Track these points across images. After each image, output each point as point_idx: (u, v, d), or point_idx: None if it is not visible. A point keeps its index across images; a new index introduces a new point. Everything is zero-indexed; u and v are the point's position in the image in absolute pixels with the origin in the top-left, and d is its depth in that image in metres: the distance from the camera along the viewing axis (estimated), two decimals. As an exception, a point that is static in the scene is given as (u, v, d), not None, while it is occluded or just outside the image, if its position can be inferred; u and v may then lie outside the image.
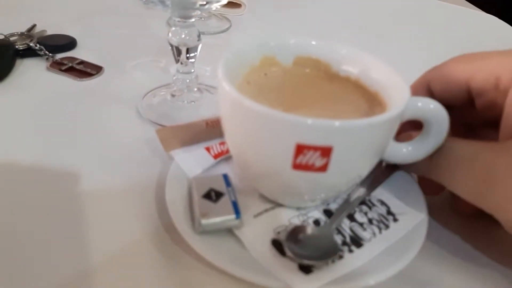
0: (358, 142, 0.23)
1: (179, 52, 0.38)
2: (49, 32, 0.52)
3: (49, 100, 0.40)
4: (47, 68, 0.45)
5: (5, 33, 0.48)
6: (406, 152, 0.27)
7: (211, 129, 0.33)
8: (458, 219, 0.30)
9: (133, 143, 0.35)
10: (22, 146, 0.34)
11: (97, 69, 0.45)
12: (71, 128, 0.37)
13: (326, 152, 0.22)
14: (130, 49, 0.51)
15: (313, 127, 0.22)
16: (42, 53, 0.46)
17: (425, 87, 0.27)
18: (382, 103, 0.27)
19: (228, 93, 0.24)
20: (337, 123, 0.22)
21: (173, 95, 0.41)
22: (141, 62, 0.48)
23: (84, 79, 0.44)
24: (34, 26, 0.52)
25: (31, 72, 0.44)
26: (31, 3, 0.60)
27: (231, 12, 0.63)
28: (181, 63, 0.39)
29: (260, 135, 0.24)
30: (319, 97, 0.28)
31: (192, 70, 0.40)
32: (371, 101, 0.27)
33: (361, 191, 0.29)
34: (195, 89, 0.41)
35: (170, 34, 0.37)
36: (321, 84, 0.29)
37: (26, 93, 0.41)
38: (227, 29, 0.60)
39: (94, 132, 0.36)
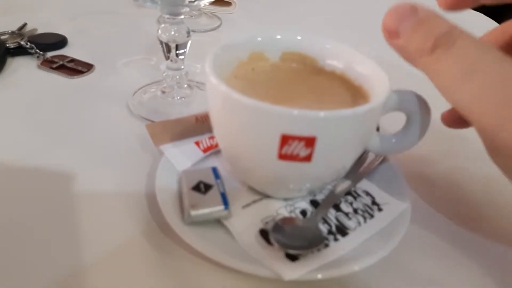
0: (341, 132, 0.23)
1: (168, 48, 0.38)
2: (40, 30, 0.52)
3: (40, 98, 0.40)
4: (38, 66, 0.45)
5: (-4, 32, 0.48)
6: (391, 143, 0.28)
7: (201, 124, 0.34)
8: (440, 208, 0.31)
9: (123, 139, 0.36)
10: (13, 143, 0.35)
11: (88, 67, 0.46)
12: (62, 125, 0.37)
13: (310, 142, 0.23)
14: (120, 47, 0.51)
15: (298, 118, 0.22)
16: (33, 51, 0.47)
17: None
18: (365, 95, 0.27)
19: (216, 86, 0.24)
20: (321, 113, 0.22)
21: (163, 92, 0.41)
22: (132, 60, 0.49)
23: (75, 77, 0.44)
24: (25, 24, 0.52)
25: (22, 71, 0.45)
26: (22, 2, 0.61)
27: (221, 10, 0.64)
28: (171, 60, 0.39)
29: (246, 126, 0.24)
30: (305, 91, 0.29)
31: (182, 67, 0.40)
32: (355, 94, 0.28)
33: (346, 182, 0.30)
34: (185, 85, 0.42)
35: (159, 31, 0.37)
36: (307, 78, 0.30)
37: (17, 91, 0.41)
38: (218, 27, 0.60)
39: (86, 129, 0.37)
